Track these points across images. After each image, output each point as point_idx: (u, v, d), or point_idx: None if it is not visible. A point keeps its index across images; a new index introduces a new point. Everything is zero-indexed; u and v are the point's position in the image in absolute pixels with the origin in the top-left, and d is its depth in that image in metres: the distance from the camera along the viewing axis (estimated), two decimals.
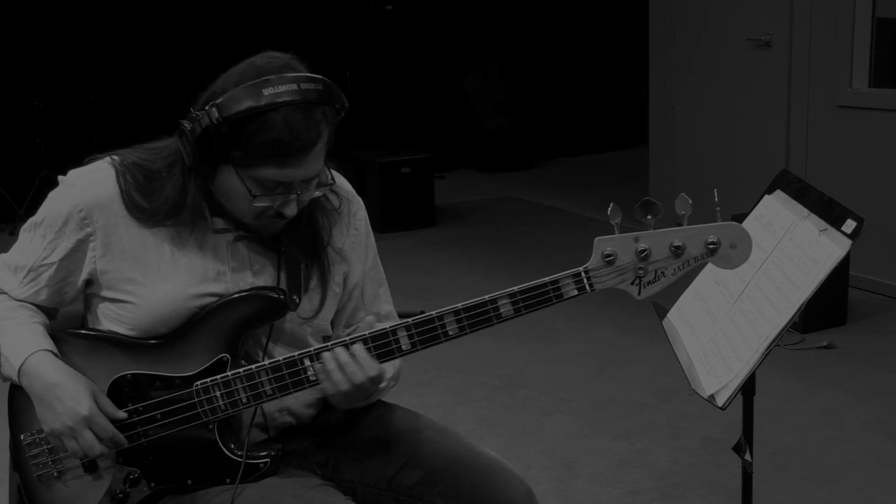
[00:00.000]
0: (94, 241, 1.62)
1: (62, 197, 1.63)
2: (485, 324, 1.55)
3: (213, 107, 1.48)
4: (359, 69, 7.55)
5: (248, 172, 1.52)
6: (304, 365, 1.56)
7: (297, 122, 1.48)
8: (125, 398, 1.62)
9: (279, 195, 1.54)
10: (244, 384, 1.58)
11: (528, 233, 6.19)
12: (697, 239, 1.49)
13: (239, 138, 1.49)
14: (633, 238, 1.50)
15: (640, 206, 1.49)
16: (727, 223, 1.49)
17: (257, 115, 1.47)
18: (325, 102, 1.52)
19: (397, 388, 1.80)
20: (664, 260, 1.50)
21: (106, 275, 1.63)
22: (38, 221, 1.65)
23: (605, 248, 1.50)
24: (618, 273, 1.52)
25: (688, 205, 1.49)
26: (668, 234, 1.49)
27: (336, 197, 1.73)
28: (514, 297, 1.54)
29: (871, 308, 4.42)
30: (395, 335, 1.55)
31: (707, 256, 1.49)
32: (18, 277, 1.67)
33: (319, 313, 1.71)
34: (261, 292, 1.62)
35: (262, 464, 1.62)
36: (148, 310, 1.62)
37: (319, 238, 1.69)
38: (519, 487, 1.67)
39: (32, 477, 1.65)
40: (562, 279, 1.53)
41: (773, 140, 5.12)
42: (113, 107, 6.65)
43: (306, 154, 1.51)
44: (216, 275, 1.64)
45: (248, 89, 1.48)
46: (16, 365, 1.60)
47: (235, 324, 1.61)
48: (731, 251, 1.49)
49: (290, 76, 1.50)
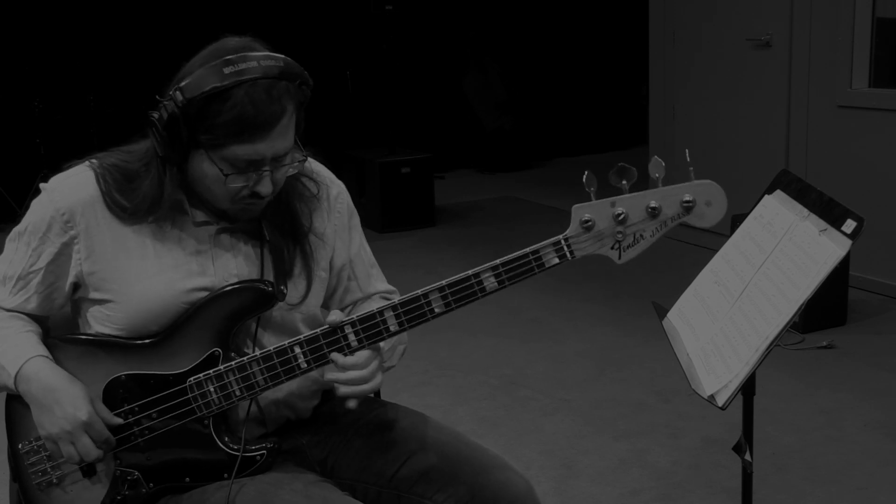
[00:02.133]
0: (78, 243, 1.63)
1: (44, 203, 1.64)
2: (470, 298, 1.55)
3: (177, 90, 1.51)
4: (359, 69, 7.56)
5: (218, 154, 1.53)
6: (294, 353, 1.58)
7: (259, 97, 1.49)
8: (120, 399, 1.62)
9: (252, 173, 1.55)
10: (237, 376, 1.60)
11: (528, 233, 6.18)
12: (673, 199, 1.51)
13: (205, 119, 1.51)
14: (609, 203, 1.52)
15: (615, 172, 1.50)
16: (701, 181, 1.52)
17: (220, 94, 1.49)
18: (286, 78, 1.53)
19: (397, 387, 1.80)
20: (641, 222, 1.52)
21: (92, 276, 1.64)
22: (22, 230, 1.67)
23: (583, 214, 1.52)
24: (596, 238, 1.53)
25: (661, 167, 1.51)
26: (643, 196, 1.51)
27: (314, 183, 1.75)
28: (496, 270, 1.55)
29: (871, 308, 4.43)
30: (382, 316, 1.56)
31: (683, 215, 1.52)
32: (7, 287, 1.68)
33: (306, 299, 1.72)
34: (249, 284, 1.63)
35: (259, 456, 1.63)
36: (136, 308, 1.62)
37: (299, 225, 1.71)
38: (519, 483, 1.67)
39: (32, 485, 1.65)
40: (542, 248, 1.54)
41: (773, 140, 5.12)
42: (113, 107, 6.66)
43: (272, 128, 1.52)
44: (200, 268, 1.65)
45: (210, 69, 1.50)
46: (12, 372, 1.61)
47: (225, 317, 1.62)
48: (706, 209, 1.51)
49: (250, 55, 1.52)
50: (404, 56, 7.56)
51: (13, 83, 6.64)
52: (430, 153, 6.52)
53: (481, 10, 8.40)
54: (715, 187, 1.51)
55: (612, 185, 1.52)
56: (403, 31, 7.37)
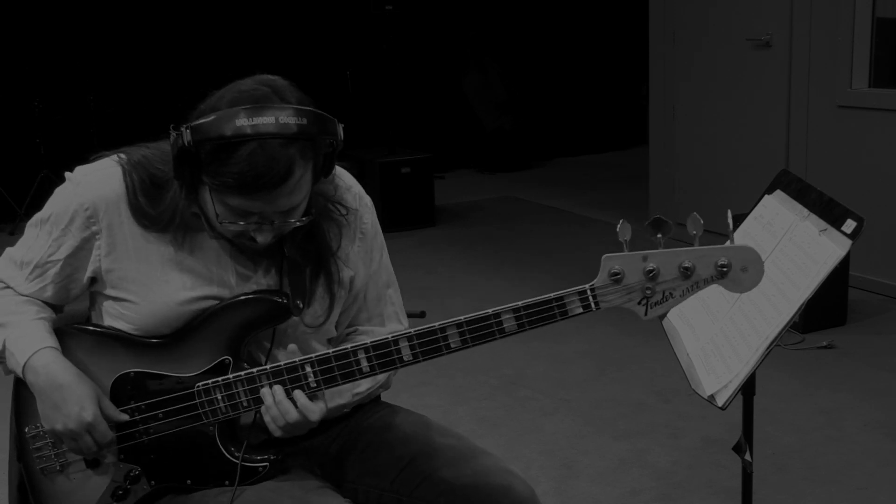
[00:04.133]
0: (100, 239, 1.62)
1: (69, 194, 1.63)
2: (487, 338, 1.53)
3: (188, 129, 1.46)
4: (359, 69, 7.55)
5: (219, 197, 1.50)
6: (305, 371, 1.56)
7: (262, 157, 1.43)
8: (127, 396, 1.63)
9: (252, 223, 1.52)
10: (245, 387, 1.59)
11: (528, 233, 6.18)
12: (708, 260, 1.44)
13: (210, 164, 1.47)
14: (641, 257, 1.45)
15: (651, 225, 1.44)
16: (739, 245, 1.44)
17: (227, 146, 1.44)
18: (304, 137, 1.47)
19: (397, 388, 1.80)
20: (673, 280, 1.45)
21: (110, 273, 1.64)
22: (45, 218, 1.65)
23: (613, 266, 1.46)
24: (625, 292, 1.47)
25: (699, 225, 1.44)
26: (677, 254, 1.45)
27: (342, 206, 1.71)
28: (518, 313, 1.51)
29: (871, 308, 4.42)
30: (397, 345, 1.54)
31: (717, 279, 1.44)
32: (24, 273, 1.68)
33: (327, 322, 1.71)
34: (264, 296, 1.63)
35: (261, 468, 1.62)
36: (150, 310, 1.62)
37: (326, 246, 1.68)
38: (522, 489, 1.66)
39: (36, 469, 1.66)
40: (567, 296, 1.49)
41: (773, 140, 5.12)
42: (113, 107, 6.66)
43: (274, 189, 1.47)
44: (219, 278, 1.64)
45: (224, 116, 1.45)
46: (21, 361, 1.61)
47: (238, 326, 1.61)
48: (741, 274, 1.44)
49: (270, 107, 1.45)
50: (404, 56, 7.56)
51: (13, 83, 6.64)
52: (430, 153, 6.52)
53: (481, 10, 8.40)
54: (752, 253, 1.44)
55: (647, 237, 1.45)
56: (403, 31, 7.37)
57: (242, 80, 1.53)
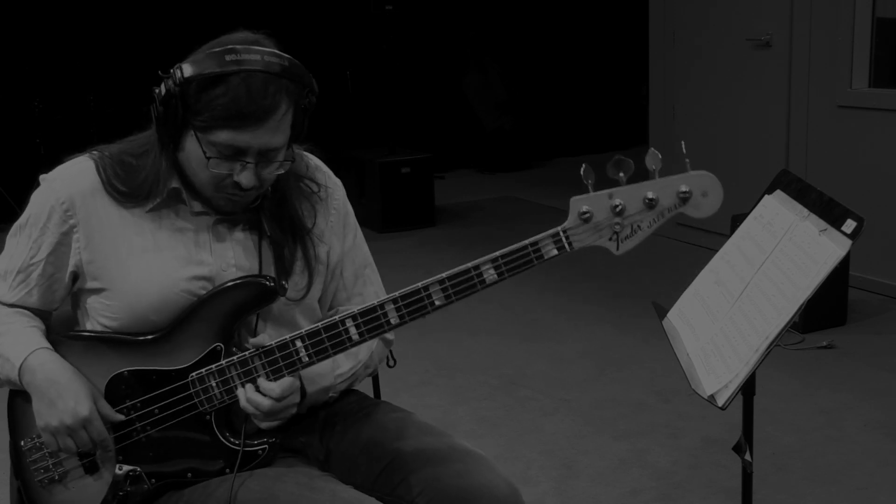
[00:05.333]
0: (78, 232, 1.64)
1: (45, 193, 1.66)
2: (470, 290, 1.56)
3: (177, 68, 1.53)
4: (359, 69, 7.55)
5: (206, 137, 1.54)
6: (296, 346, 1.58)
7: (254, 87, 1.51)
8: (122, 395, 1.63)
9: (236, 163, 1.56)
10: (238, 371, 1.60)
11: (528, 233, 6.11)
12: (669, 189, 1.53)
13: (199, 100, 1.52)
14: (607, 195, 1.53)
15: (613, 165, 1.53)
16: (697, 172, 1.53)
17: (217, 78, 1.51)
18: (287, 77, 1.55)
19: (397, 387, 1.80)
20: (639, 213, 1.53)
21: (91, 264, 1.65)
22: (24, 223, 1.68)
23: (581, 206, 1.53)
24: (595, 230, 1.54)
25: (657, 159, 1.52)
26: (640, 187, 1.53)
27: (314, 183, 1.76)
28: (496, 262, 1.56)
29: (871, 308, 4.43)
30: (383, 308, 1.56)
31: (680, 206, 1.53)
32: (8, 282, 1.69)
33: (307, 295, 1.73)
34: (251, 279, 1.64)
35: (261, 450, 1.63)
36: (134, 296, 1.63)
37: (301, 223, 1.72)
38: (501, 487, 1.64)
39: (34, 482, 1.66)
40: (541, 240, 1.56)
41: (773, 140, 5.12)
42: (113, 107, 6.66)
43: (262, 121, 1.53)
44: (198, 256, 1.66)
45: (213, 55, 1.53)
46: (16, 363, 1.61)
47: (227, 312, 1.62)
48: (702, 199, 1.52)
49: (255, 48, 1.54)
50: (404, 56, 7.56)
51: (13, 83, 6.64)
52: (430, 153, 6.52)
53: (481, 10, 8.40)
54: (711, 178, 1.53)
55: (610, 177, 1.53)
56: (403, 31, 7.37)
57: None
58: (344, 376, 1.77)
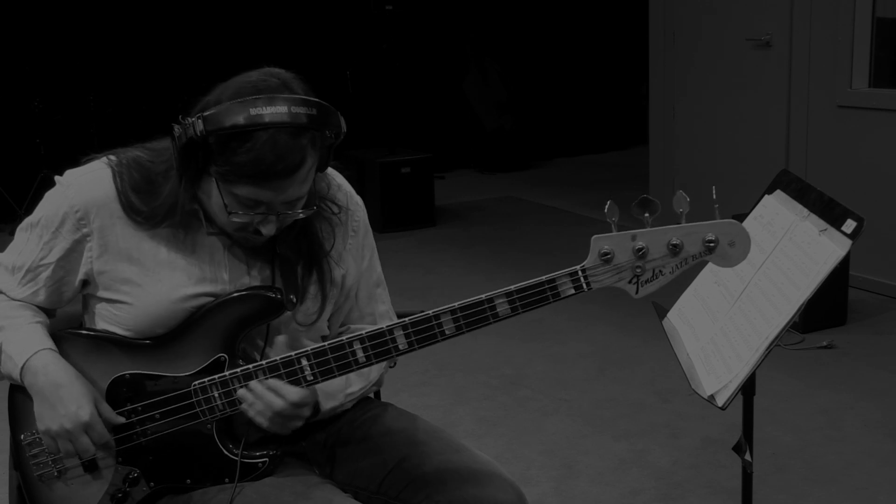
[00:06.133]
0: (91, 241, 1.62)
1: (59, 197, 1.63)
2: (481, 323, 1.54)
3: (199, 118, 1.47)
4: (359, 69, 7.55)
5: (227, 187, 1.50)
6: (301, 365, 1.57)
7: (279, 145, 1.45)
8: (123, 398, 1.62)
9: (259, 214, 1.53)
10: (242, 384, 1.59)
11: (528, 233, 6.18)
12: (695, 237, 1.47)
13: (222, 153, 1.47)
14: (630, 236, 1.48)
15: (638, 204, 1.47)
16: (726, 221, 1.47)
17: (241, 134, 1.45)
18: (315, 128, 1.49)
19: (397, 387, 1.80)
20: (662, 258, 1.48)
21: (102, 275, 1.63)
22: (35, 222, 1.65)
23: (603, 246, 1.49)
24: (615, 271, 1.50)
25: (685, 202, 1.47)
26: (665, 231, 1.47)
27: (335, 205, 1.72)
28: (510, 297, 1.53)
29: (871, 308, 4.42)
30: (392, 334, 1.54)
31: (705, 254, 1.47)
32: (16, 278, 1.68)
33: (318, 321, 1.71)
34: (258, 292, 1.63)
35: (261, 463, 1.62)
36: (144, 311, 1.62)
37: (319, 246, 1.69)
38: (509, 494, 1.64)
39: (33, 476, 1.65)
40: (559, 278, 1.51)
41: (773, 140, 5.12)
42: (113, 107, 6.65)
43: (286, 178, 1.49)
44: (212, 276, 1.64)
45: (237, 106, 1.46)
46: (19, 362, 1.61)
47: (232, 323, 1.61)
48: (729, 249, 1.47)
49: (282, 97, 1.47)
50: (404, 56, 7.55)
51: (13, 83, 6.64)
52: (430, 153, 6.52)
53: (481, 10, 8.39)
54: (739, 227, 1.46)
55: (634, 217, 1.48)
56: (403, 31, 7.37)
57: (248, 72, 1.54)
58: (354, 395, 1.76)
